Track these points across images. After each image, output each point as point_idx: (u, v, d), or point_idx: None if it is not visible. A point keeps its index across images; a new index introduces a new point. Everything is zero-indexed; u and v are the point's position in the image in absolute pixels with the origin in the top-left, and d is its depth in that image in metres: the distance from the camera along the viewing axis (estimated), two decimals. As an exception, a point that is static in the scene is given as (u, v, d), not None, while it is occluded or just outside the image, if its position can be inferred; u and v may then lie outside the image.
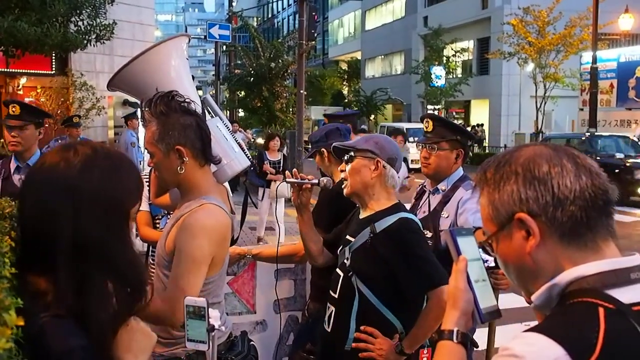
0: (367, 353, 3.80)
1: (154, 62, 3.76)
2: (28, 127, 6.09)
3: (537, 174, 1.73)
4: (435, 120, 4.97)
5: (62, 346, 2.02)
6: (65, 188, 2.19)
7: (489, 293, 2.00)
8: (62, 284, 2.10)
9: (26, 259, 2.23)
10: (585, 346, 1.53)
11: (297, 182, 4.13)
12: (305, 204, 4.22)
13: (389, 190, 4.02)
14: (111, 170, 2.31)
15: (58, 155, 2.29)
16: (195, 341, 2.73)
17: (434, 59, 47.90)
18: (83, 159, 2.26)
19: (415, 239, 3.86)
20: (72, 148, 2.31)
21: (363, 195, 3.99)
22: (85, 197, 2.19)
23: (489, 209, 1.83)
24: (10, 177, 6.13)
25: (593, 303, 1.62)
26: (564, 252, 1.73)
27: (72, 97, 21.25)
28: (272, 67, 33.01)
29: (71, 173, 2.21)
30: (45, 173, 2.25)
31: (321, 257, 4.39)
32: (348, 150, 4.05)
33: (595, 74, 29.86)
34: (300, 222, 4.29)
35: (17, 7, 12.92)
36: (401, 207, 4.04)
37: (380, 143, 4.01)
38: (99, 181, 2.24)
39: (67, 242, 2.14)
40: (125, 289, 2.34)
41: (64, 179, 2.20)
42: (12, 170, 6.16)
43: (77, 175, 2.21)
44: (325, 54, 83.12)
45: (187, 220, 3.22)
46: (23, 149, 6.11)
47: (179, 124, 3.27)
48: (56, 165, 2.24)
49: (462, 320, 1.97)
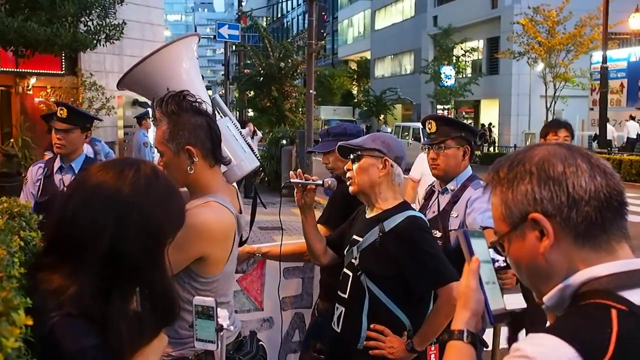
0: (379, 351, 3.82)
1: (165, 61, 3.76)
2: (74, 130, 6.08)
3: (552, 174, 1.72)
4: (438, 120, 4.95)
5: (74, 345, 2.02)
6: (112, 200, 2.20)
7: (498, 295, 2.00)
8: (83, 287, 2.11)
9: (49, 253, 2.24)
10: (597, 348, 1.52)
11: (301, 183, 4.14)
12: (309, 204, 4.24)
13: (395, 189, 4.04)
14: (164, 197, 2.32)
15: (118, 167, 2.30)
16: (204, 341, 2.73)
17: (444, 59, 47.90)
18: (142, 178, 2.27)
19: (424, 236, 3.88)
20: (135, 164, 2.32)
21: (370, 194, 4.00)
22: (131, 215, 2.20)
23: (502, 209, 1.82)
24: (52, 176, 6.14)
25: (606, 304, 1.60)
26: (579, 253, 1.71)
27: (82, 97, 21.27)
28: (281, 67, 33.07)
29: (124, 188, 2.22)
30: (99, 179, 2.25)
31: (325, 256, 4.40)
32: (353, 150, 4.05)
33: (605, 73, 29.86)
34: (304, 222, 4.31)
35: (27, 7, 12.96)
36: (408, 205, 4.06)
37: (387, 142, 4.03)
38: (150, 205, 2.25)
39: (99, 251, 2.15)
40: (153, 312, 2.35)
41: (115, 191, 2.21)
42: (55, 170, 6.17)
43: (129, 192, 2.22)
44: (335, 53, 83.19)
45: (188, 215, 3.22)
46: (67, 152, 6.12)
47: (190, 123, 3.26)
48: (112, 176, 2.25)
49: (472, 320, 1.97)
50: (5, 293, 1.78)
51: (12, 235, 2.50)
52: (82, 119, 6.24)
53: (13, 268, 2.05)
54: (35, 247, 2.73)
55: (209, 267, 3.26)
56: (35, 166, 6.36)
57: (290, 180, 4.16)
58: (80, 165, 6.16)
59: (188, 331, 3.07)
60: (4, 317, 1.69)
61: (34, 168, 6.31)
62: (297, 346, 5.28)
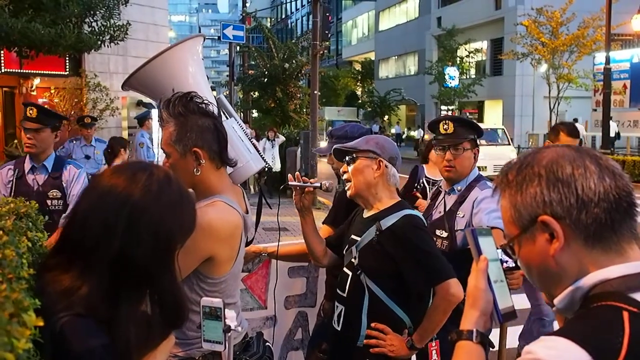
0: (379, 349, 3.89)
1: (170, 62, 3.76)
2: (44, 130, 6.14)
3: (560, 176, 1.72)
4: (456, 121, 4.93)
5: (82, 345, 2.03)
6: (123, 203, 2.21)
7: (506, 294, 2.00)
8: (92, 288, 2.12)
9: (59, 254, 2.24)
10: (609, 350, 1.52)
11: (299, 185, 4.19)
12: (307, 206, 4.27)
13: (391, 189, 4.11)
14: (177, 203, 2.33)
15: (131, 171, 2.31)
16: (212, 342, 2.74)
17: (448, 60, 47.88)
18: (154, 183, 2.28)
19: (421, 234, 3.93)
20: (148, 169, 2.33)
21: (367, 195, 4.07)
22: (142, 219, 2.21)
23: (511, 212, 1.81)
24: (24, 177, 6.19)
25: (617, 306, 1.60)
26: (589, 255, 1.71)
27: (86, 97, 21.28)
28: (285, 68, 33.01)
29: (136, 192, 2.23)
30: (112, 182, 2.26)
31: (325, 258, 4.45)
32: (348, 152, 4.10)
33: (608, 74, 29.82)
34: (303, 224, 4.34)
35: (31, 8, 12.93)
36: (404, 204, 4.11)
37: (380, 143, 4.09)
38: (161, 209, 2.26)
39: (110, 254, 2.15)
40: (162, 316, 2.36)
41: (126, 195, 2.22)
42: (27, 170, 6.21)
43: (141, 196, 2.23)
44: (339, 54, 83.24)
45: None
46: (38, 151, 6.15)
47: (197, 125, 3.27)
48: (124, 179, 2.26)
49: (481, 320, 1.96)
50: (16, 294, 1.78)
51: (20, 236, 2.50)
52: (51, 119, 6.28)
53: (22, 269, 2.06)
54: (42, 247, 2.74)
55: (216, 267, 3.26)
56: (4, 168, 6.36)
57: (289, 183, 4.21)
58: (52, 164, 6.23)
59: (195, 332, 3.08)
60: (15, 319, 1.70)
61: (2, 170, 6.31)
62: (299, 344, 5.34)
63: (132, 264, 2.18)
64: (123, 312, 2.17)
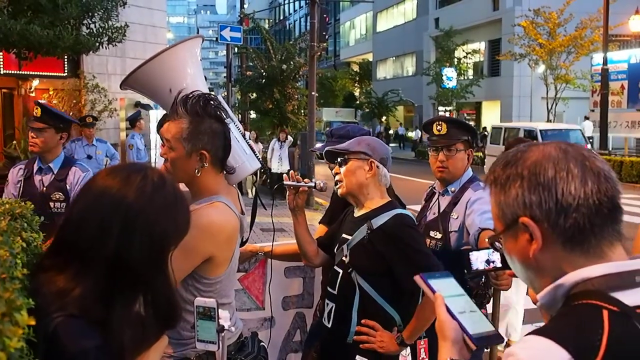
0: (369, 345, 3.93)
1: (169, 63, 3.77)
2: (47, 130, 6.11)
3: (541, 180, 1.71)
4: (449, 122, 4.92)
5: (77, 346, 2.04)
6: (119, 205, 2.22)
7: (481, 321, 2.01)
8: (87, 289, 2.13)
9: (54, 255, 2.26)
10: (589, 349, 1.53)
11: (293, 185, 4.22)
12: (300, 206, 4.31)
13: (382, 188, 4.16)
14: (171, 205, 2.34)
15: (125, 172, 2.32)
16: (205, 342, 2.75)
17: (445, 61, 47.94)
18: (148, 185, 2.29)
19: (411, 233, 3.98)
20: (142, 171, 2.34)
21: (358, 195, 4.12)
22: (136, 221, 2.22)
23: (496, 209, 1.83)
24: (32, 177, 6.18)
25: (597, 305, 1.61)
26: (567, 257, 1.72)
27: (84, 99, 21.30)
28: (283, 69, 33.05)
29: (131, 193, 2.24)
30: (106, 184, 2.28)
31: (317, 258, 4.49)
32: (340, 154, 4.15)
33: (606, 75, 29.86)
34: (296, 224, 4.38)
35: (30, 10, 12.94)
36: (395, 204, 4.15)
37: (371, 144, 4.14)
38: (155, 211, 2.27)
39: (104, 255, 2.17)
40: (156, 317, 2.37)
41: (121, 196, 2.23)
42: (35, 171, 6.20)
43: (135, 198, 2.24)
44: (337, 55, 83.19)
45: (195, 215, 3.23)
46: (42, 151, 6.15)
47: (211, 129, 3.30)
48: (119, 181, 2.27)
49: (455, 348, 1.96)
50: (8, 294, 1.80)
51: (14, 237, 2.52)
52: (55, 120, 6.24)
53: (16, 269, 2.07)
54: (37, 248, 2.75)
55: (213, 268, 3.28)
56: (16, 167, 6.37)
57: (284, 182, 4.23)
58: (59, 166, 6.21)
59: (190, 332, 3.09)
60: (7, 318, 1.71)
61: (14, 170, 6.33)
62: (298, 346, 5.30)
63: (126, 265, 2.19)
64: (117, 313, 2.18)
